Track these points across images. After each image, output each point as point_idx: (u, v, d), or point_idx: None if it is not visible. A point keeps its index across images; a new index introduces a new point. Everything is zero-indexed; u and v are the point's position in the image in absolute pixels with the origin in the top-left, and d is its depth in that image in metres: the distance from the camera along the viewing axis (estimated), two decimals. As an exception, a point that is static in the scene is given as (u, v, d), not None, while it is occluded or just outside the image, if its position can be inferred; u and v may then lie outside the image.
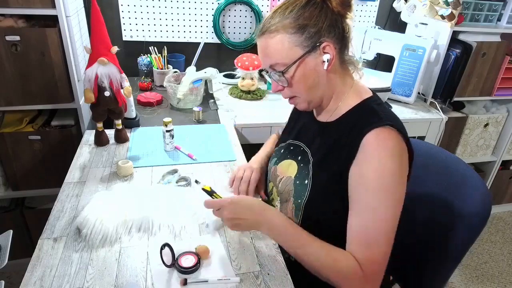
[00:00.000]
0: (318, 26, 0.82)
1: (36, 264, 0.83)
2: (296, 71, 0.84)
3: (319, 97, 0.90)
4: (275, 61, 0.85)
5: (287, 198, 0.96)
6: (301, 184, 0.92)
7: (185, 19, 1.91)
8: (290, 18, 0.82)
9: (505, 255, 2.21)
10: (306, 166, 0.93)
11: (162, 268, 0.84)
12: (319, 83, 0.87)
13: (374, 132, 0.79)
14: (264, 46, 0.86)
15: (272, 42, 0.84)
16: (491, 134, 2.23)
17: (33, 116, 1.59)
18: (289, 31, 0.82)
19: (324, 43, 0.82)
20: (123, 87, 1.26)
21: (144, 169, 1.19)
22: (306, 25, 0.81)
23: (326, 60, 0.83)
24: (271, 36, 0.83)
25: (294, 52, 0.83)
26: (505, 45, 1.91)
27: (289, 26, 0.82)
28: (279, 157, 1.05)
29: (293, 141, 1.03)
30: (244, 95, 1.79)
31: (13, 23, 1.34)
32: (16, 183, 1.62)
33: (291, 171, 0.97)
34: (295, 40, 0.82)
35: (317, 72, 0.85)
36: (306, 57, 0.83)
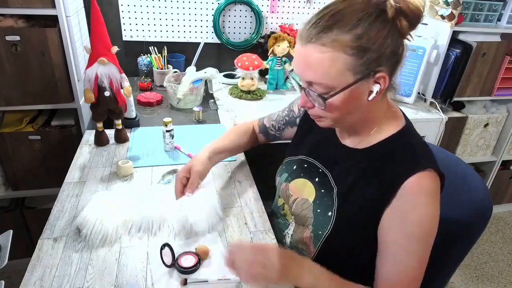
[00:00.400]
0: (381, 52, 0.68)
1: (36, 264, 0.83)
2: (339, 98, 0.72)
3: (349, 123, 0.82)
4: (318, 80, 0.71)
5: (304, 223, 0.90)
6: (323, 215, 0.85)
7: (185, 19, 1.91)
8: (352, 34, 0.67)
9: (505, 255, 2.21)
10: (328, 194, 0.86)
11: (162, 268, 0.84)
12: (356, 112, 0.77)
13: (416, 177, 0.73)
14: (310, 57, 0.70)
15: (321, 57, 0.68)
16: (491, 134, 2.23)
17: (33, 116, 1.59)
18: (346, 51, 0.67)
19: (380, 74, 0.70)
20: (123, 87, 1.26)
21: (144, 169, 1.19)
22: (368, 49, 0.67)
23: (376, 91, 0.72)
24: (322, 50, 0.68)
25: (345, 77, 0.69)
26: (505, 45, 1.91)
27: (348, 45, 0.67)
28: (291, 173, 0.97)
29: (306, 158, 0.95)
30: (244, 95, 1.79)
31: (13, 23, 1.34)
32: (16, 183, 1.62)
33: (307, 193, 0.90)
34: (349, 63, 0.68)
35: (359, 101, 0.74)
36: (356, 85, 0.70)
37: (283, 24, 2.04)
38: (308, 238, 0.89)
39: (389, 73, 0.72)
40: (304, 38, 0.71)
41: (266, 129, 1.17)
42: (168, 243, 0.85)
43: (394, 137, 0.81)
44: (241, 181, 1.18)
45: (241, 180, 1.18)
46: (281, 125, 1.12)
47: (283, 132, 1.14)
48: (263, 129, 1.18)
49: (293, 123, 1.08)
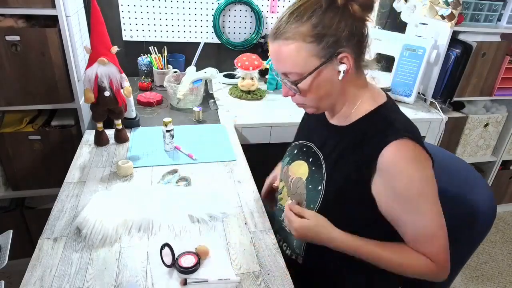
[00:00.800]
0: (337, 35, 0.77)
1: (36, 264, 0.83)
2: (311, 82, 0.81)
3: (330, 104, 0.89)
4: (288, 69, 0.81)
5: (299, 200, 0.95)
6: (314, 189, 0.91)
7: (185, 19, 1.91)
8: (308, 25, 0.76)
9: (505, 255, 2.21)
10: (318, 171, 0.92)
11: (162, 268, 0.84)
12: (332, 93, 0.85)
13: (393, 145, 0.78)
14: (278, 52, 0.81)
15: (287, 49, 0.79)
16: (491, 134, 2.23)
17: (33, 116, 1.59)
18: (306, 39, 0.77)
19: (342, 54, 0.79)
20: (123, 87, 1.26)
21: (144, 169, 1.19)
22: (325, 34, 0.76)
23: (343, 70, 0.80)
24: (287, 43, 0.78)
25: (310, 62, 0.79)
26: (505, 45, 1.91)
27: (307, 34, 0.77)
28: (292, 157, 1.04)
29: (304, 142, 1.02)
30: (244, 95, 1.79)
31: (13, 23, 1.34)
32: (16, 183, 1.61)
33: (301, 172, 0.96)
34: (311, 50, 0.78)
35: (331, 82, 0.82)
36: (322, 68, 0.79)
37: (283, 24, 2.03)
38: None
39: (353, 52, 0.80)
40: (271, 36, 0.82)
41: None
42: (168, 243, 0.85)
43: (373, 112, 0.87)
44: (241, 181, 1.18)
45: (241, 180, 1.18)
46: None
47: None
48: None
49: None
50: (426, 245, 0.82)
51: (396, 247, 0.85)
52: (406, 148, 0.78)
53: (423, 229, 0.81)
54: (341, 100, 0.88)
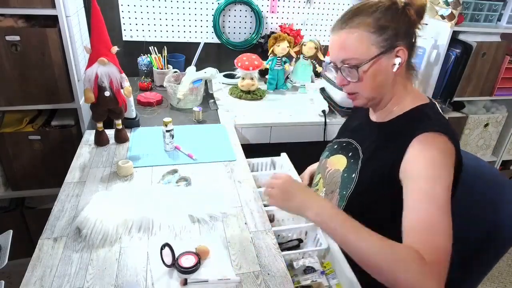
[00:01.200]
0: (397, 30, 0.86)
1: (36, 264, 0.83)
2: (368, 69, 0.88)
3: (380, 97, 0.95)
4: (351, 56, 0.88)
5: (333, 189, 1.02)
6: (348, 177, 0.98)
7: (185, 19, 1.91)
8: (373, 17, 0.86)
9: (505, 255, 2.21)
10: (356, 161, 0.99)
11: (162, 268, 0.84)
12: (385, 84, 0.92)
13: (425, 134, 0.83)
14: (342, 40, 0.89)
15: (351, 37, 0.87)
16: (491, 134, 2.23)
17: (33, 116, 1.59)
18: (369, 29, 0.86)
19: (399, 47, 0.87)
20: (123, 87, 1.26)
21: (144, 169, 1.19)
22: (387, 27, 0.86)
23: (398, 63, 0.88)
24: (352, 31, 0.87)
25: (371, 50, 0.87)
26: (505, 45, 1.91)
27: (371, 25, 0.86)
28: (331, 151, 1.12)
29: (346, 139, 1.09)
30: (244, 95, 1.79)
31: (13, 23, 1.34)
32: (16, 183, 1.61)
33: (340, 164, 1.04)
34: (373, 39, 0.86)
35: (386, 73, 0.90)
36: (381, 57, 0.87)
37: (283, 24, 2.04)
38: (335, 202, 1.00)
39: (407, 48, 0.88)
40: (336, 28, 0.91)
41: None
42: (168, 243, 0.85)
43: (414, 110, 0.93)
44: (241, 181, 1.18)
45: (241, 180, 1.18)
46: None
47: None
48: None
49: None
50: (422, 235, 0.73)
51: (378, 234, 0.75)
52: (438, 139, 0.83)
53: (426, 215, 0.74)
54: (389, 95, 0.95)
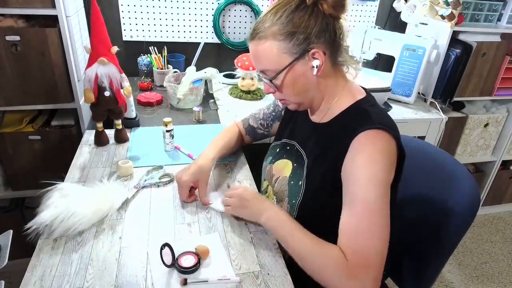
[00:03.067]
0: (307, 33, 0.81)
1: (36, 264, 0.83)
2: (285, 78, 0.85)
3: (309, 100, 0.92)
4: (264, 67, 0.87)
5: (282, 198, 0.98)
6: (295, 185, 0.94)
7: (185, 19, 1.91)
8: (279, 24, 0.81)
9: (505, 255, 2.21)
10: (300, 167, 0.96)
11: (162, 268, 0.84)
12: (308, 88, 0.88)
13: (364, 133, 0.80)
14: (254, 51, 0.87)
15: (261, 48, 0.84)
16: (491, 134, 2.23)
17: (33, 116, 1.59)
18: (277, 37, 0.82)
19: (313, 50, 0.82)
20: (123, 87, 1.26)
21: (144, 169, 1.19)
22: (295, 32, 0.81)
23: (315, 66, 0.83)
24: (261, 42, 0.84)
25: (283, 59, 0.83)
26: (505, 45, 1.91)
27: (278, 32, 0.82)
28: (275, 156, 1.07)
29: (288, 141, 1.05)
30: (244, 95, 1.79)
31: (13, 23, 1.34)
32: (16, 183, 1.62)
33: (286, 171, 0.99)
34: (283, 47, 0.82)
35: (307, 78, 0.86)
36: (295, 64, 0.84)
37: (283, 24, 2.03)
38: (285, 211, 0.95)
39: (326, 48, 0.84)
40: (248, 38, 0.88)
41: (254, 129, 1.22)
42: (168, 243, 0.85)
43: (352, 107, 0.90)
44: (241, 181, 1.18)
45: (241, 180, 1.18)
46: (269, 122, 1.19)
47: (271, 129, 1.20)
48: (250, 130, 1.23)
49: (279, 117, 1.17)
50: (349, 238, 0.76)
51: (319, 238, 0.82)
52: (378, 136, 0.80)
53: (357, 217, 0.76)
54: (319, 96, 0.92)
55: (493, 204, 2.53)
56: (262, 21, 0.84)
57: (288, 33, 0.81)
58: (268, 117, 1.19)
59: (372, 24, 2.15)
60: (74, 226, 0.90)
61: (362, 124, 0.82)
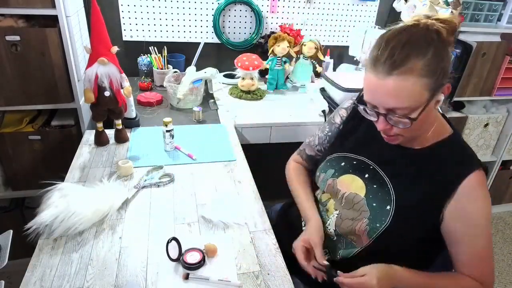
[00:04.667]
0: (445, 68, 0.78)
1: (36, 264, 0.83)
2: (419, 114, 0.79)
3: (419, 133, 0.89)
4: (403, 105, 0.78)
5: (356, 216, 0.93)
6: (380, 208, 0.89)
7: (185, 19, 1.91)
8: (425, 59, 0.75)
9: (505, 255, 2.21)
10: (382, 190, 0.91)
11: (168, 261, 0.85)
12: (427, 121, 0.86)
13: (473, 176, 0.84)
14: (392, 88, 0.77)
15: (404, 85, 0.76)
16: (491, 134, 2.23)
17: (33, 116, 1.59)
18: (422, 74, 0.75)
19: (446, 85, 0.81)
20: (123, 87, 1.26)
21: (144, 169, 1.19)
22: (437, 69, 0.77)
23: (442, 100, 0.81)
24: (404, 78, 0.75)
25: (423, 96, 0.77)
26: (505, 45, 1.91)
27: (424, 69, 0.75)
28: (338, 169, 1.00)
29: (353, 155, 0.99)
30: (244, 95, 1.79)
31: (13, 23, 1.34)
32: (16, 183, 1.61)
33: (356, 188, 0.95)
34: (425, 84, 0.76)
35: (430, 112, 0.82)
36: (431, 100, 0.79)
37: (283, 24, 2.04)
38: (362, 231, 0.91)
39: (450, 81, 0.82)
40: (382, 72, 0.77)
41: (313, 157, 1.15)
42: (175, 237, 0.85)
43: (448, 140, 0.90)
44: (241, 181, 1.18)
45: (241, 180, 1.18)
46: (325, 145, 1.13)
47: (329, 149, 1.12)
48: (310, 160, 1.16)
49: (336, 134, 1.10)
50: (479, 265, 0.86)
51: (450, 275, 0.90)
52: (483, 178, 0.86)
53: (481, 250, 0.86)
54: (428, 127, 0.89)
55: (493, 204, 2.52)
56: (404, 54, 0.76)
57: (433, 70, 0.76)
58: (323, 140, 1.12)
59: (372, 24, 2.15)
60: (74, 226, 0.91)
61: (467, 165, 0.85)
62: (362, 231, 0.91)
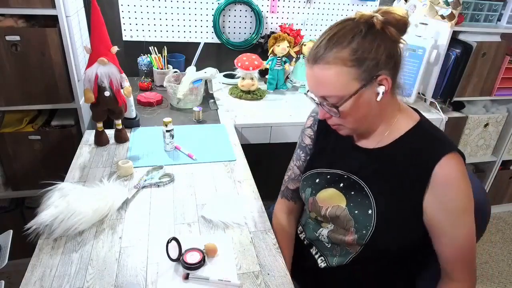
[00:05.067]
0: (377, 59, 0.79)
1: (36, 264, 0.83)
2: (350, 104, 0.82)
3: (367, 125, 0.90)
4: (329, 93, 0.82)
5: (344, 226, 0.93)
6: (363, 215, 0.89)
7: (185, 19, 1.91)
8: (349, 49, 0.78)
9: (505, 255, 2.21)
10: (361, 195, 0.91)
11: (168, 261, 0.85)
12: (370, 114, 0.86)
13: (445, 160, 0.81)
14: (318, 76, 0.82)
15: (327, 74, 0.80)
16: (491, 134, 2.23)
17: (33, 116, 1.59)
18: (347, 63, 0.78)
19: (381, 76, 0.80)
20: (123, 87, 1.26)
21: (144, 169, 1.19)
22: (365, 58, 0.78)
23: (382, 92, 0.81)
24: (327, 67, 0.79)
25: (351, 85, 0.80)
26: (505, 45, 1.91)
27: (348, 59, 0.78)
28: (314, 187, 1.00)
29: (325, 170, 0.99)
30: (244, 95, 1.79)
31: (13, 23, 1.34)
32: (16, 183, 1.62)
33: (336, 200, 0.94)
34: (353, 74, 0.79)
35: (370, 104, 0.83)
36: (363, 91, 0.80)
37: (283, 24, 2.04)
38: (352, 240, 0.91)
39: (391, 74, 0.81)
40: (310, 61, 0.82)
41: (297, 192, 1.10)
42: (175, 237, 0.85)
43: (412, 130, 0.88)
44: (241, 181, 1.18)
45: (241, 180, 1.18)
46: (302, 169, 1.09)
47: None
48: (294, 196, 1.12)
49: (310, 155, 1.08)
50: (462, 259, 0.84)
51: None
52: (458, 161, 0.82)
53: (464, 241, 0.83)
54: (378, 121, 0.89)
55: (493, 204, 2.53)
56: (326, 45, 0.79)
57: (358, 59, 0.78)
58: (300, 166, 1.09)
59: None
60: (74, 226, 0.91)
61: (437, 150, 0.82)
62: (352, 240, 0.91)
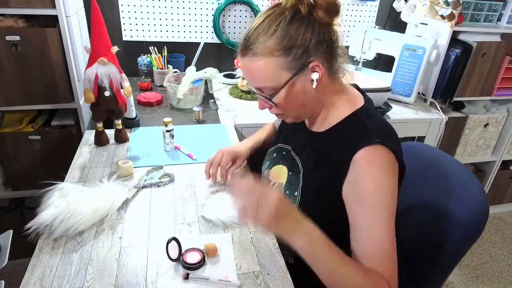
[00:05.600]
0: (305, 46, 0.76)
1: (36, 264, 0.83)
2: (284, 94, 0.81)
3: (308, 113, 0.90)
4: (261, 85, 0.81)
5: None
6: (291, 195, 0.91)
7: (185, 19, 1.91)
8: (275, 38, 0.75)
9: (505, 255, 2.21)
10: (296, 177, 0.92)
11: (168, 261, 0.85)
12: (307, 101, 0.85)
13: (364, 150, 0.78)
14: (248, 68, 0.81)
15: (256, 66, 0.78)
16: (491, 134, 2.23)
17: (33, 116, 1.59)
18: (274, 53, 0.76)
19: (313, 63, 0.78)
20: (123, 87, 1.26)
21: (144, 169, 1.19)
22: (292, 46, 0.76)
23: (316, 79, 0.79)
24: (255, 59, 0.78)
25: (281, 75, 0.78)
26: (505, 45, 1.91)
27: (275, 48, 0.76)
28: (271, 161, 1.04)
29: (282, 145, 1.02)
30: (244, 95, 1.79)
31: (13, 23, 1.34)
32: (16, 183, 1.62)
33: (282, 177, 0.97)
34: (281, 63, 0.77)
35: (305, 92, 0.81)
36: (294, 80, 0.79)
37: (283, 24, 2.03)
38: None
39: (324, 60, 0.79)
40: (239, 53, 0.81)
41: None
42: (175, 237, 0.85)
43: (349, 117, 0.86)
44: (241, 181, 1.18)
45: (241, 180, 1.18)
46: None
47: None
48: None
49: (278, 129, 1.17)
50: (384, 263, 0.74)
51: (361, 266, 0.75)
52: (376, 153, 0.78)
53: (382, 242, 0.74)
54: (318, 107, 0.88)
55: (493, 204, 2.53)
56: (253, 35, 0.78)
57: (285, 48, 0.76)
58: None
59: (372, 24, 2.15)
60: (74, 226, 0.91)
61: (360, 140, 0.79)
62: None
